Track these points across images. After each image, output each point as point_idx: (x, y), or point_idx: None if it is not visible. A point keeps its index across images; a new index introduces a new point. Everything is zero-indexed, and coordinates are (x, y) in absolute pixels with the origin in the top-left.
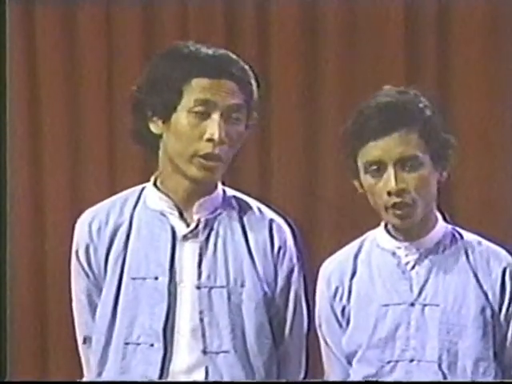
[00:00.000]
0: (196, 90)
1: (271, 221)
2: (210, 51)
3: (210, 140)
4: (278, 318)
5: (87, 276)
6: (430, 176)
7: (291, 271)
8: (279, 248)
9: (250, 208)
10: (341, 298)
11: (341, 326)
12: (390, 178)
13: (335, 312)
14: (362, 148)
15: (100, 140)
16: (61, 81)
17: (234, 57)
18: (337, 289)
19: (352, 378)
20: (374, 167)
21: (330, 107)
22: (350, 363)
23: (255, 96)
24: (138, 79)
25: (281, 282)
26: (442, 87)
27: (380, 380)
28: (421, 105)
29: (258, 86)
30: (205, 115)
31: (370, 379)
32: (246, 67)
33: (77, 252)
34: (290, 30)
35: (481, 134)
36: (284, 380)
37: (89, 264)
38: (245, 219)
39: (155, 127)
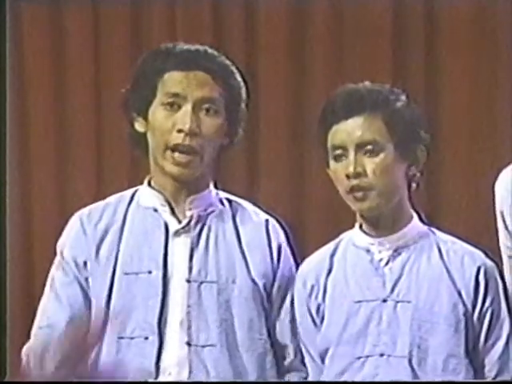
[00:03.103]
0: (168, 83)
1: (267, 221)
2: (187, 46)
3: (180, 131)
4: (274, 314)
5: (70, 268)
6: (393, 164)
7: (290, 269)
8: (279, 246)
9: (243, 208)
10: (316, 297)
11: (316, 324)
12: (349, 162)
13: (310, 311)
14: (329, 133)
15: (87, 141)
16: (48, 82)
17: (214, 52)
18: (312, 287)
19: (324, 376)
20: (338, 151)
21: (318, 106)
22: (324, 362)
23: (238, 91)
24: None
25: (279, 279)
26: (429, 86)
27: (350, 375)
28: (392, 97)
29: (246, 83)
30: (176, 107)
31: (340, 375)
32: (227, 63)
33: (63, 244)
34: (277, 28)
35: (467, 132)
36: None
37: (76, 254)
38: (237, 218)
39: (139, 126)
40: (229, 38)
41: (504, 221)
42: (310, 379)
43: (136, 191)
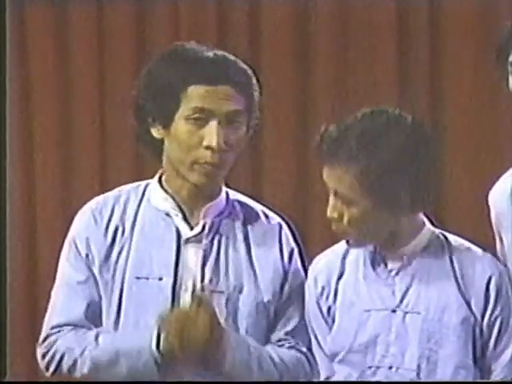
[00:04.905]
0: (192, 97)
1: (280, 225)
2: (208, 54)
3: (208, 148)
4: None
5: (85, 262)
6: (373, 215)
7: (299, 277)
8: (290, 252)
9: (255, 212)
10: (327, 298)
11: (327, 323)
12: (329, 204)
13: (321, 310)
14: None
15: (91, 139)
16: (53, 81)
17: (232, 59)
18: (323, 289)
19: (336, 377)
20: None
21: (322, 105)
22: (333, 360)
23: (256, 97)
24: (138, 82)
25: (288, 288)
26: (434, 89)
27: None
28: (384, 140)
29: (259, 85)
30: (202, 122)
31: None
32: (245, 67)
33: (76, 238)
34: (282, 27)
35: (472, 138)
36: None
37: (88, 250)
38: (248, 224)
39: (156, 132)
40: (233, 36)
41: (499, 234)
42: (321, 374)
43: (147, 186)
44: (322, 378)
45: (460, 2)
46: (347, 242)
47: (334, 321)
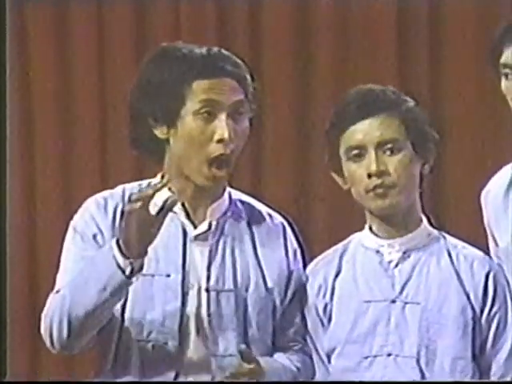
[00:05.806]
0: (199, 91)
1: (283, 225)
2: (203, 51)
3: (220, 141)
4: (288, 320)
5: (92, 241)
6: (412, 162)
7: (303, 275)
8: (294, 252)
9: (258, 211)
10: (324, 296)
11: (323, 324)
12: (370, 161)
13: (318, 310)
14: (344, 134)
15: (92, 140)
16: (53, 81)
17: (227, 53)
18: (320, 287)
19: (331, 373)
20: (356, 152)
21: (323, 104)
22: (330, 361)
23: (252, 89)
24: (132, 86)
25: (293, 286)
26: (434, 89)
27: (358, 375)
28: (402, 96)
29: (253, 78)
30: (211, 116)
31: (348, 373)
32: (240, 62)
33: (81, 223)
34: (282, 29)
35: (472, 137)
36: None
37: (97, 230)
38: (253, 223)
39: (161, 133)
40: (233, 36)
41: (492, 234)
42: (316, 378)
43: (149, 185)
44: (316, 379)
45: (460, 1)
46: (369, 227)
47: (330, 320)
